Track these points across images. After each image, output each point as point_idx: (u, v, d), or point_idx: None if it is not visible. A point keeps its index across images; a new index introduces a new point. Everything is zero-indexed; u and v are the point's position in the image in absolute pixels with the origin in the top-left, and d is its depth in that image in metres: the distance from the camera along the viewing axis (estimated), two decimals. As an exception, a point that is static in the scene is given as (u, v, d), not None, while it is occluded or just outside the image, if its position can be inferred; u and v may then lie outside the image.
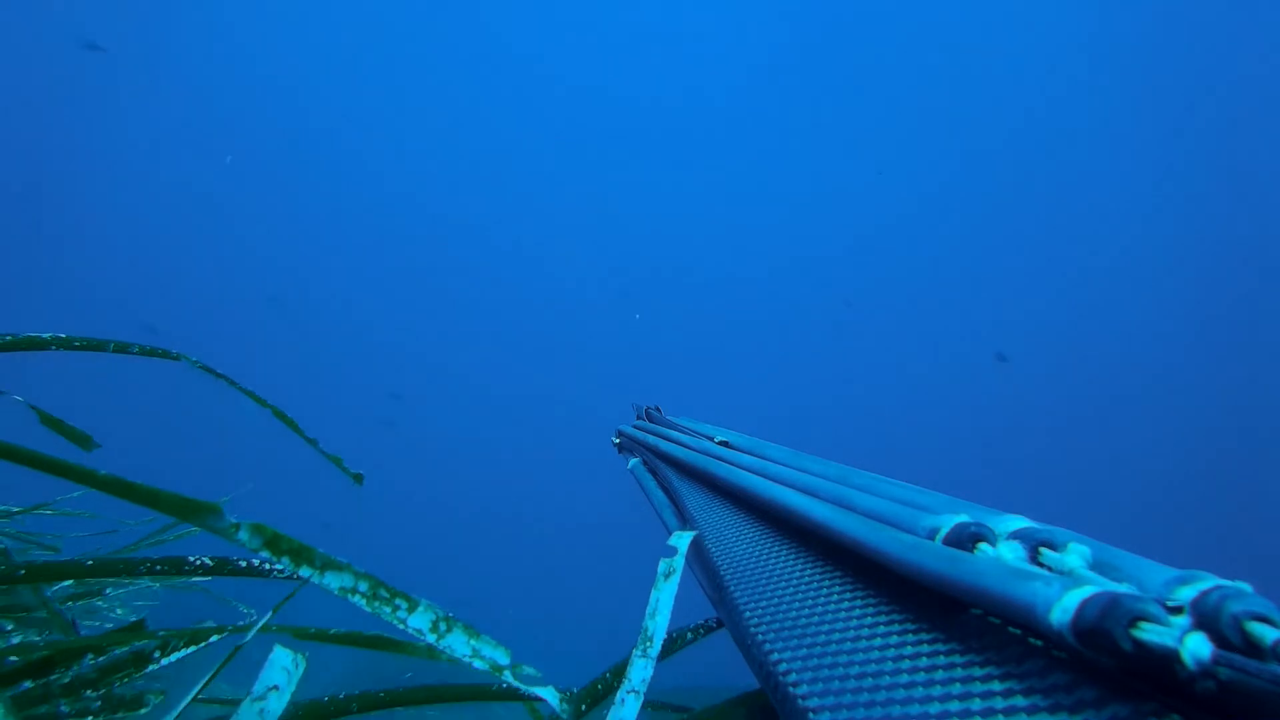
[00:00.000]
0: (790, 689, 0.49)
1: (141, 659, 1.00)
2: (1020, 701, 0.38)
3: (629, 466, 1.37)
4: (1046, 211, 18.50)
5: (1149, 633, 0.33)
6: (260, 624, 0.78)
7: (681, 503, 1.00)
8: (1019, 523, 0.48)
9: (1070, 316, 18.72)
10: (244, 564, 1.14)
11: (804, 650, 0.52)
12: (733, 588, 0.68)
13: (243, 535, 0.65)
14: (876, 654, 0.48)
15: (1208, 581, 0.35)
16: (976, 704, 0.40)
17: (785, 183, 20.01)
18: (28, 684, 0.91)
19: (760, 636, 0.57)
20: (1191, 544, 15.67)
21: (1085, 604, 0.35)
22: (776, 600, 0.62)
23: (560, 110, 19.87)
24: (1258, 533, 15.02)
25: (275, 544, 0.65)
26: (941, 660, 0.45)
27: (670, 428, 1.37)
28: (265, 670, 0.63)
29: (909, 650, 0.47)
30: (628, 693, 0.68)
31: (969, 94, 18.13)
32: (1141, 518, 16.22)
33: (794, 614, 0.58)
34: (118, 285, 17.47)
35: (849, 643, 0.51)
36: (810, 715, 0.45)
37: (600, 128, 20.03)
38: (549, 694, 0.68)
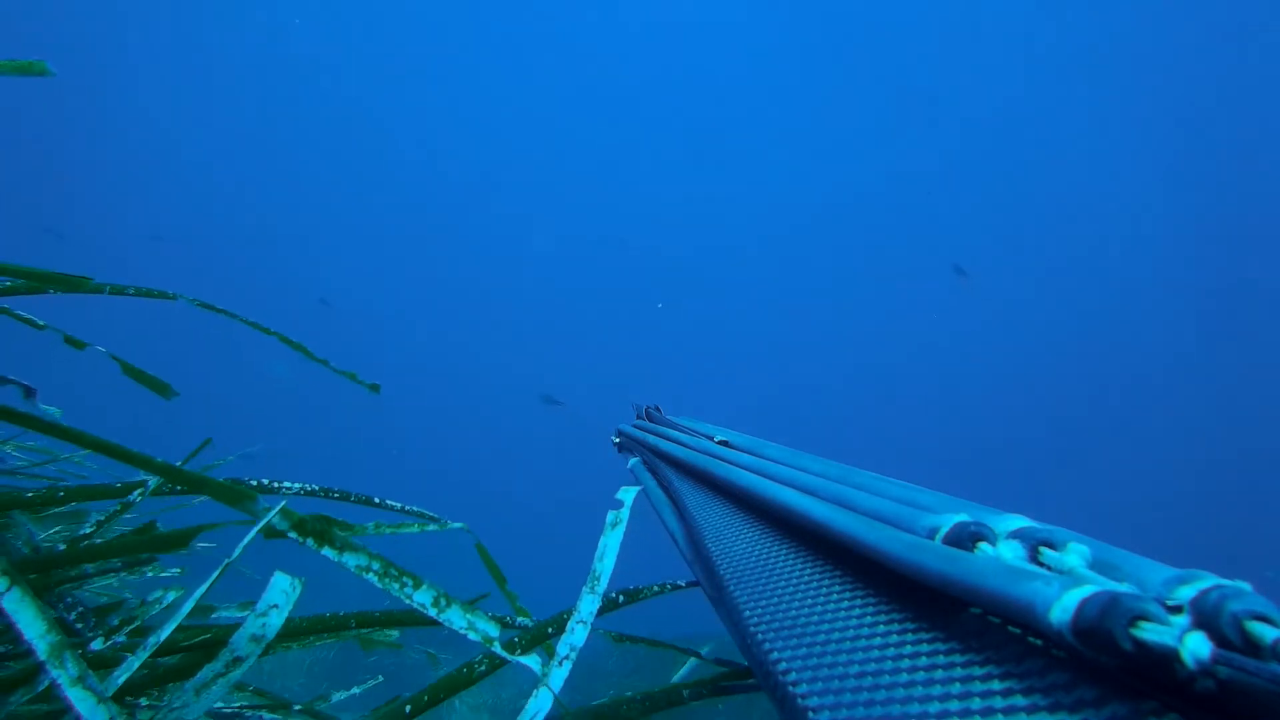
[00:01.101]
0: (790, 688, 0.49)
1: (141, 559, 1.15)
2: (1020, 700, 0.38)
3: (629, 466, 1.37)
4: (1050, 214, 18.50)
5: (1149, 632, 0.33)
6: (248, 540, 0.84)
7: (681, 502, 1.00)
8: (1019, 522, 0.48)
9: (1071, 316, 18.72)
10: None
11: (804, 649, 0.52)
12: (732, 587, 0.68)
13: (274, 519, 0.74)
14: (876, 653, 0.48)
15: (1207, 581, 0.35)
16: (976, 703, 0.40)
17: (785, 183, 20.00)
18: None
19: (760, 636, 0.57)
20: (1191, 544, 15.68)
21: (1085, 603, 0.35)
22: (776, 599, 0.62)
23: (563, 113, 19.87)
24: (1258, 532, 15.03)
25: (301, 527, 0.75)
26: (941, 659, 0.45)
27: (670, 427, 1.37)
28: (267, 591, 0.71)
29: (909, 649, 0.47)
30: (577, 622, 0.82)
31: (971, 93, 18.12)
32: (1141, 517, 16.22)
33: (794, 613, 0.58)
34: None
35: (849, 642, 0.51)
36: (810, 714, 0.45)
37: (603, 130, 20.02)
38: (533, 662, 0.79)
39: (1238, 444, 16.74)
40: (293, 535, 0.74)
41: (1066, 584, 0.37)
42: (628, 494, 0.85)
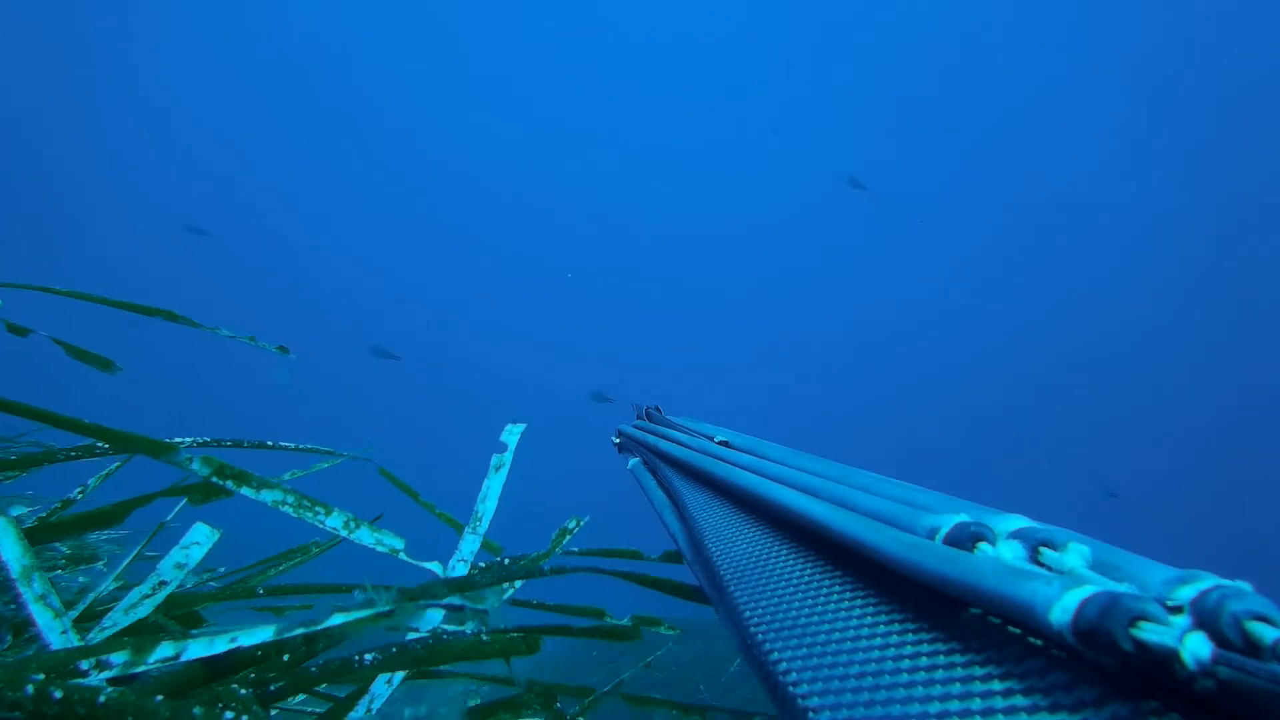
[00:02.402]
0: (790, 688, 0.49)
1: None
2: (1020, 701, 0.38)
3: (629, 466, 1.37)
4: (1047, 210, 18.49)
5: (1149, 632, 0.33)
6: (177, 485, 0.97)
7: (681, 502, 1.00)
8: (1019, 522, 0.48)
9: (1071, 315, 18.73)
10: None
11: (804, 650, 0.52)
12: (732, 587, 0.68)
13: (195, 465, 0.84)
14: (876, 653, 0.48)
15: (1207, 581, 0.35)
16: (976, 703, 0.40)
17: (784, 182, 20.01)
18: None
19: (760, 636, 0.57)
20: (1192, 544, 15.68)
21: (1085, 603, 0.35)
22: (776, 600, 0.62)
23: (560, 112, 19.86)
24: (1258, 532, 15.03)
25: (222, 471, 0.84)
26: (941, 660, 0.45)
27: (670, 427, 1.37)
28: (189, 533, 0.83)
29: (909, 650, 0.47)
30: (458, 560, 0.90)
31: (964, 91, 18.12)
32: (1142, 517, 16.23)
33: (794, 614, 0.58)
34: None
35: (849, 642, 0.51)
36: (810, 715, 0.45)
37: (602, 129, 20.02)
38: (434, 567, 0.87)
39: (1239, 444, 16.74)
40: (215, 480, 0.82)
41: (1067, 584, 0.37)
42: (511, 434, 1.00)
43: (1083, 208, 18.36)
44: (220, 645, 0.59)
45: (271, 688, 0.79)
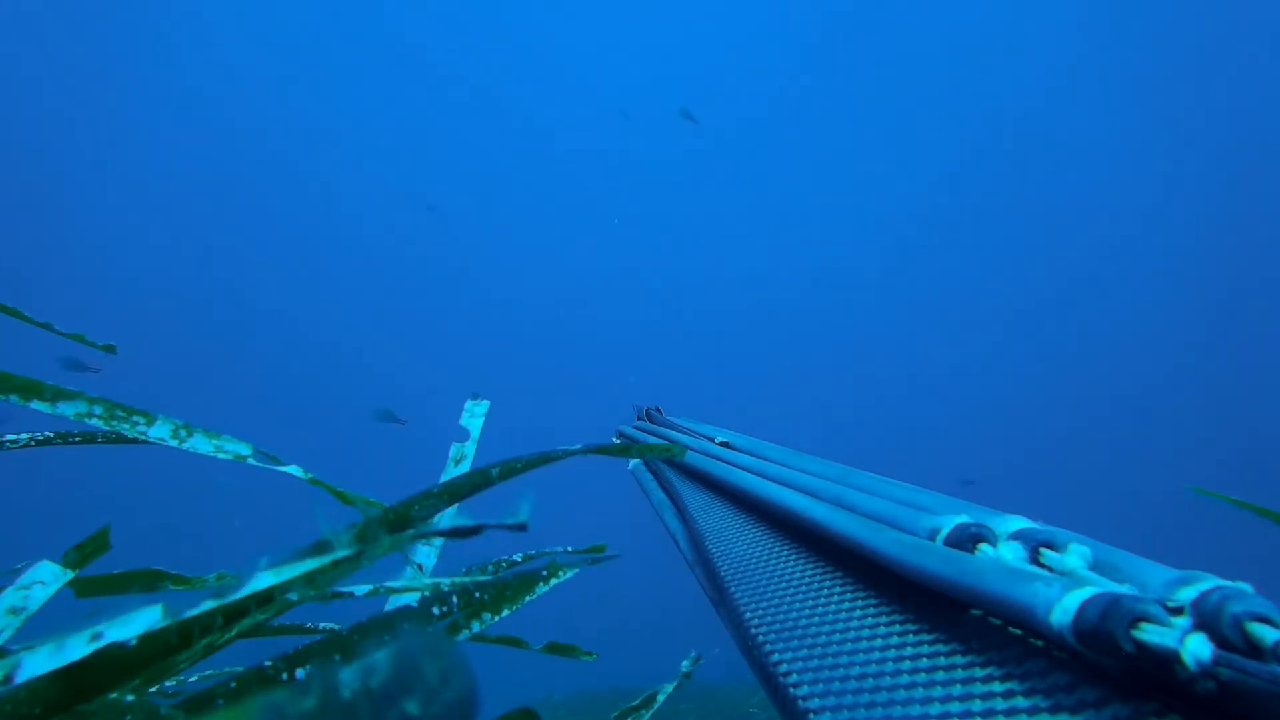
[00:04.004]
0: (790, 690, 0.49)
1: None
2: (1021, 702, 0.38)
3: (629, 467, 1.37)
4: (1046, 208, 18.50)
5: (1150, 633, 0.33)
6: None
7: (682, 503, 1.00)
8: (1019, 523, 0.48)
9: (1071, 314, 18.73)
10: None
11: (804, 651, 0.52)
12: (733, 588, 0.68)
13: None
14: (877, 655, 0.48)
15: (1208, 582, 0.35)
16: (977, 705, 0.40)
17: (783, 181, 20.02)
18: None
19: (760, 637, 0.57)
20: (1192, 544, 15.66)
21: (1086, 605, 0.35)
22: (777, 601, 0.62)
23: (556, 108, 19.89)
24: (1258, 533, 15.04)
25: (5, 382, 0.68)
26: (942, 661, 0.45)
27: (670, 428, 1.37)
28: (32, 571, 0.67)
29: (909, 651, 0.47)
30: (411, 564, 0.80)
31: (961, 90, 18.13)
32: (1142, 517, 16.24)
33: (794, 615, 0.58)
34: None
35: (849, 644, 0.51)
36: (811, 716, 0.45)
37: (599, 127, 20.04)
38: (295, 469, 0.75)
39: (1239, 443, 16.75)
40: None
41: (1067, 585, 0.37)
42: (473, 415, 0.81)
43: (1084, 204, 18.37)
44: (76, 648, 0.39)
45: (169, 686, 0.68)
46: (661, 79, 19.39)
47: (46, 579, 0.65)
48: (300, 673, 0.45)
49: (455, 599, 0.77)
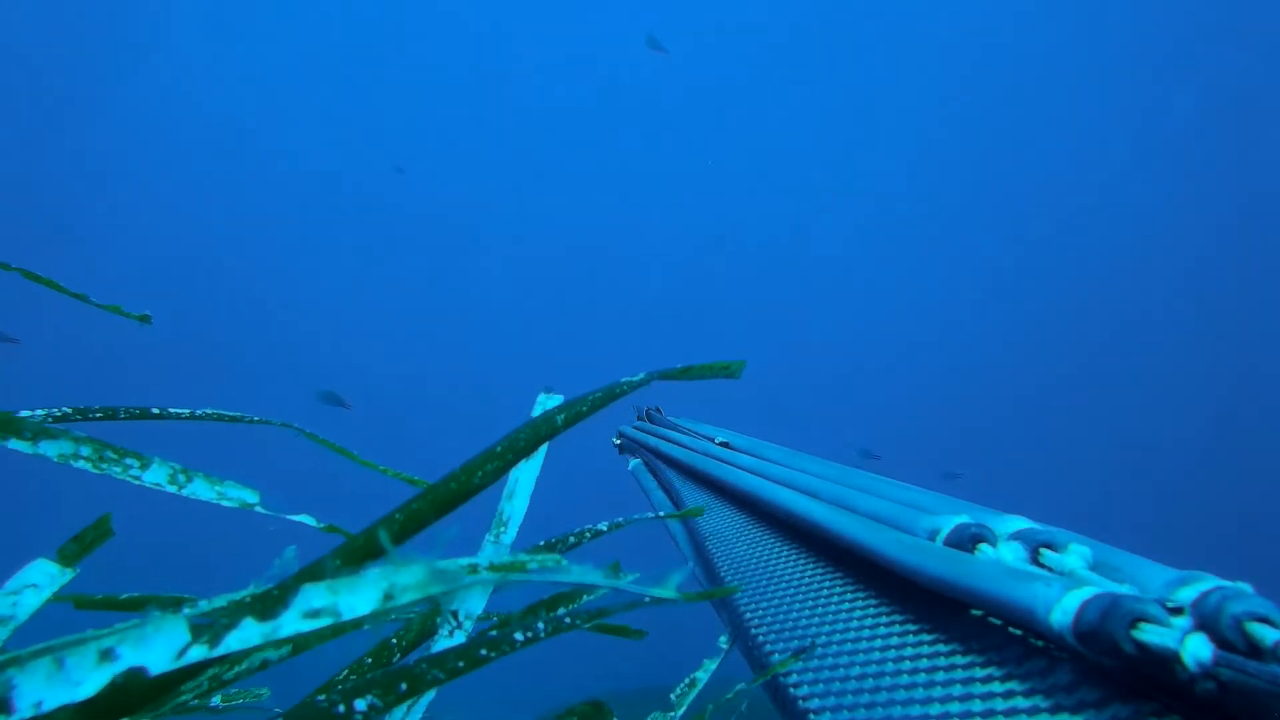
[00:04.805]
0: (790, 689, 0.49)
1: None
2: (1021, 703, 0.38)
3: (630, 468, 1.37)
4: (1046, 205, 18.50)
5: (1150, 634, 0.33)
6: None
7: (682, 503, 1.00)
8: (1019, 523, 0.48)
9: (1070, 313, 18.73)
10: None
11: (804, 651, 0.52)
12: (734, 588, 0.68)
13: None
14: (877, 655, 0.48)
15: (1208, 582, 0.35)
16: (977, 705, 0.40)
17: (781, 181, 20.03)
18: None
19: (761, 637, 0.57)
20: (1192, 544, 15.66)
21: (1086, 605, 0.35)
22: (777, 601, 0.62)
23: (550, 105, 19.90)
24: (1258, 533, 15.04)
25: None
26: (942, 661, 0.45)
27: (671, 428, 1.37)
28: (24, 571, 0.57)
29: (909, 651, 0.47)
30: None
31: (947, 79, 18.15)
32: (1142, 518, 16.24)
33: (794, 615, 0.58)
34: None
35: (849, 644, 0.51)
36: (811, 716, 0.45)
37: (595, 124, 20.06)
38: (307, 519, 0.68)
39: (1239, 443, 16.75)
40: None
41: (1067, 586, 0.37)
42: (545, 408, 0.71)
43: (1083, 200, 18.37)
44: (81, 670, 0.31)
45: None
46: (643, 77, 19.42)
47: (41, 581, 0.56)
48: (361, 704, 0.37)
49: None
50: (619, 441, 1.59)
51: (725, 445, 1.07)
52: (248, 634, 0.33)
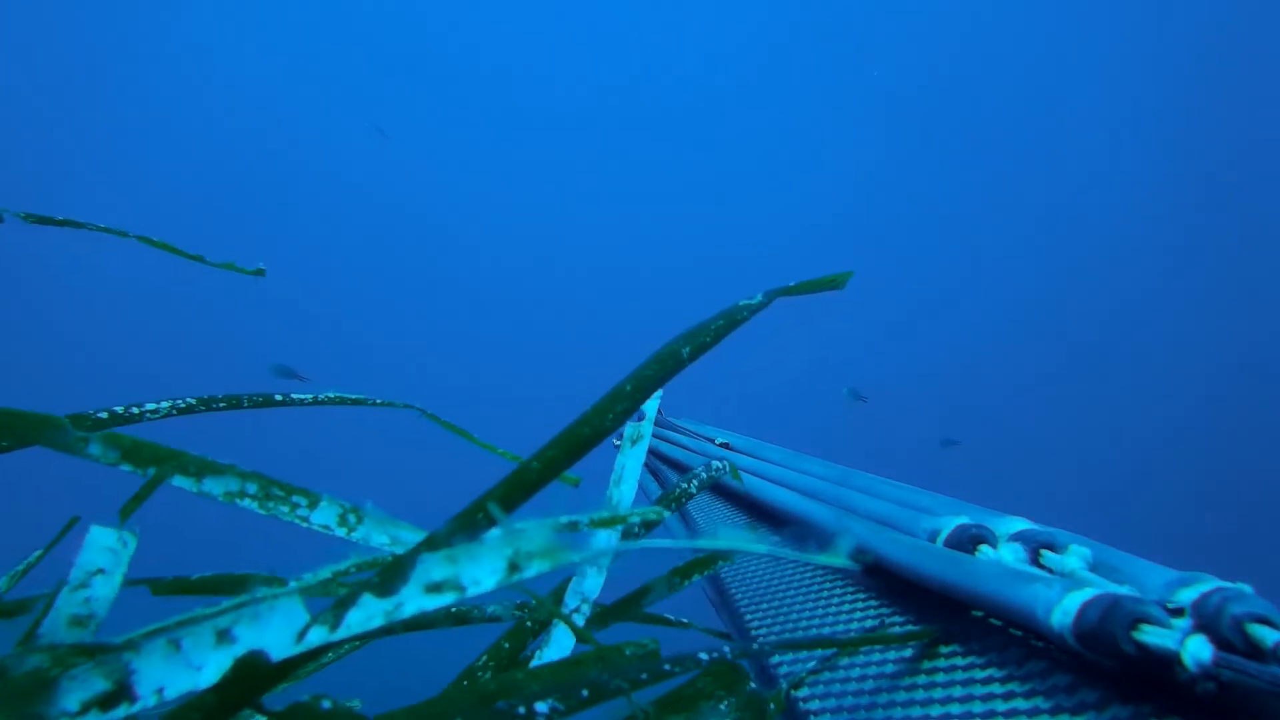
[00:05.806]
0: (791, 690, 0.49)
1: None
2: (1022, 704, 0.38)
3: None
4: (1046, 203, 18.50)
5: (1150, 635, 0.33)
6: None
7: (683, 504, 1.00)
8: (1020, 524, 0.48)
9: (1070, 313, 18.73)
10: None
11: (804, 652, 0.52)
12: (734, 589, 0.68)
13: (94, 449, 0.53)
14: (878, 656, 0.48)
15: (1209, 583, 0.35)
16: (978, 706, 0.40)
17: (779, 179, 20.04)
18: None
19: (761, 638, 0.57)
20: (1192, 545, 15.63)
21: (1086, 606, 0.35)
22: (777, 602, 0.62)
23: (549, 106, 19.91)
24: (1258, 533, 15.03)
25: (136, 454, 0.54)
26: (942, 662, 0.45)
27: (671, 429, 1.37)
28: (83, 553, 0.49)
29: (910, 652, 0.47)
30: (587, 564, 0.59)
31: (952, 82, 18.16)
32: (1142, 518, 16.24)
33: (795, 616, 0.58)
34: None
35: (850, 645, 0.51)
36: (811, 717, 0.45)
37: (594, 124, 20.07)
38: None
39: (1239, 443, 16.74)
40: (125, 467, 0.53)
41: (1068, 587, 0.37)
42: (651, 404, 0.69)
43: (1083, 197, 18.37)
44: (201, 652, 0.29)
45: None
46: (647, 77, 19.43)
47: (106, 564, 0.47)
48: (542, 707, 0.32)
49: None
50: (618, 443, 1.59)
51: (725, 446, 1.07)
52: (369, 612, 0.30)
